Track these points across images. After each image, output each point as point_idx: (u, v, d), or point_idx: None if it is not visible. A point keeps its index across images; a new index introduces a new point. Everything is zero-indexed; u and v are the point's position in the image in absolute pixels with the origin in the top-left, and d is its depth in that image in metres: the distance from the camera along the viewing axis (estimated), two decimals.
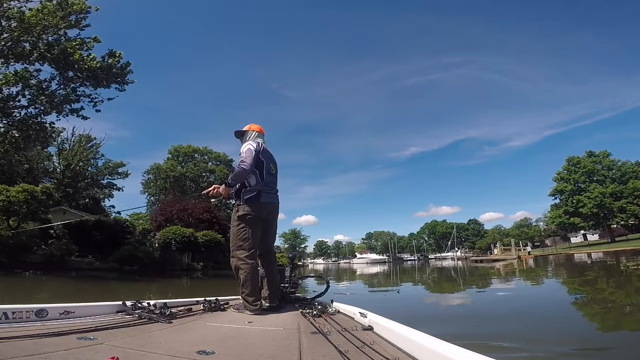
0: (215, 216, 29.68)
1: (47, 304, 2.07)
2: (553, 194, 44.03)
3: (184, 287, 15.33)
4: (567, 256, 29.70)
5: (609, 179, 40.24)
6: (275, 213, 3.22)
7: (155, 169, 48.87)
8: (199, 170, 48.90)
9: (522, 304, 7.16)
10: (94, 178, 42.93)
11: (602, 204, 37.32)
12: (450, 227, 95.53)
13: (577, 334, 4.17)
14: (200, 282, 18.61)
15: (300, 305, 3.04)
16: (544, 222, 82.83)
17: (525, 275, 16.33)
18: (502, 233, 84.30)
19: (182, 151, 50.73)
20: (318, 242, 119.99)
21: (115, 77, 18.37)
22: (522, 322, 5.08)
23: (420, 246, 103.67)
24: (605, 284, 10.10)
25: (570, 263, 21.45)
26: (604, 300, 6.97)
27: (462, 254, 70.56)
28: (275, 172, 3.22)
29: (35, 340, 1.47)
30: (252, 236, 2.93)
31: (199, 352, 1.41)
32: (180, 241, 23.63)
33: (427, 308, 7.60)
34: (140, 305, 2.48)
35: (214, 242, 25.98)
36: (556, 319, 5.08)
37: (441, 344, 1.16)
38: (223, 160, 51.72)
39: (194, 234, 24.69)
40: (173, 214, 27.39)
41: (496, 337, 3.91)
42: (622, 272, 13.29)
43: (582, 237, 59.92)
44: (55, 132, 40.01)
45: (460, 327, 4.87)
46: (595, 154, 42.26)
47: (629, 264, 16.40)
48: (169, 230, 24.13)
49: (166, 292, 12.19)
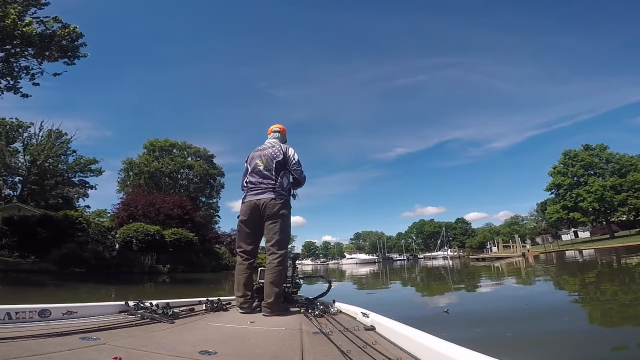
0: (188, 212, 26.31)
1: (50, 304, 2.08)
2: (550, 189, 42.29)
3: (132, 294, 12.11)
4: (573, 252, 27.76)
5: (607, 171, 38.76)
6: (269, 209, 2.91)
7: (128, 163, 45.17)
8: (176, 166, 45.39)
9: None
10: (64, 175, 39.84)
11: (602, 197, 35.70)
12: (439, 227, 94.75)
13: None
14: (162, 287, 15.38)
15: (302, 305, 2.98)
16: (529, 220, 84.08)
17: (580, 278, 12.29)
18: (493, 231, 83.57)
19: (159, 145, 47.03)
20: (306, 243, 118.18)
21: (65, 50, 16.58)
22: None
23: (408, 246, 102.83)
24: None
25: (592, 261, 19.07)
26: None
27: (454, 253, 69.04)
28: (263, 166, 3.03)
29: (39, 340, 1.48)
30: (239, 236, 3.01)
31: (201, 352, 1.41)
32: (143, 240, 20.36)
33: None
34: (142, 306, 2.50)
35: (185, 241, 22.73)
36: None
37: (443, 344, 1.15)
38: (203, 156, 48.49)
39: (160, 232, 21.44)
40: (137, 210, 23.95)
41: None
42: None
43: (573, 235, 59.23)
44: (22, 127, 37.19)
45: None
46: (592, 147, 40.80)
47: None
48: (129, 227, 20.84)
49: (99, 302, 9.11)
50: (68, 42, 16.70)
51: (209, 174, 47.27)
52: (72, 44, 16.88)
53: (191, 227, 25.12)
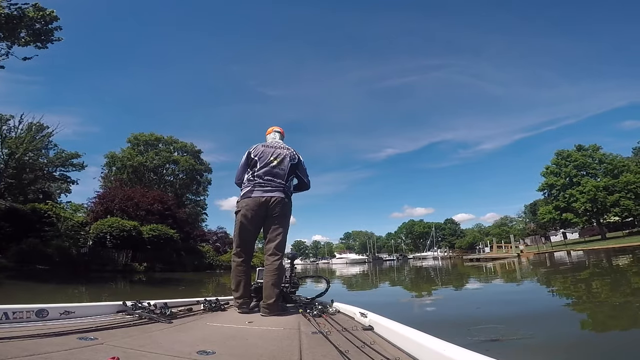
0: (170, 208, 24.77)
1: (47, 304, 2.04)
2: (542, 189, 41.94)
3: (97, 296, 10.70)
4: (566, 253, 27.15)
5: (600, 172, 38.45)
6: (276, 208, 2.83)
7: (110, 157, 43.17)
8: (161, 160, 43.59)
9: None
10: (43, 169, 37.99)
11: (595, 198, 35.35)
12: (428, 227, 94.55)
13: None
14: (137, 287, 13.93)
15: (300, 305, 2.98)
16: (518, 222, 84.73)
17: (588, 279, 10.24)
18: (483, 232, 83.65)
19: (144, 139, 45.10)
20: (296, 242, 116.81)
21: (38, 34, 15.70)
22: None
23: (398, 246, 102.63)
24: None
25: (594, 260, 18.31)
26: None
27: (445, 254, 68.66)
28: (277, 164, 2.93)
29: (36, 340, 1.45)
30: (238, 233, 2.86)
31: (199, 352, 1.39)
32: (118, 236, 18.84)
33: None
34: (140, 305, 2.45)
35: (164, 238, 21.25)
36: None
37: (442, 344, 1.13)
38: (190, 151, 46.78)
39: (137, 228, 19.94)
40: (114, 204, 22.34)
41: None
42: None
43: (562, 236, 59.36)
44: (1, 120, 35.39)
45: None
46: (584, 148, 40.53)
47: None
48: (104, 222, 19.29)
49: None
50: (42, 25, 15.67)
51: (196, 169, 45.58)
52: (46, 27, 15.84)
53: (172, 224, 23.65)
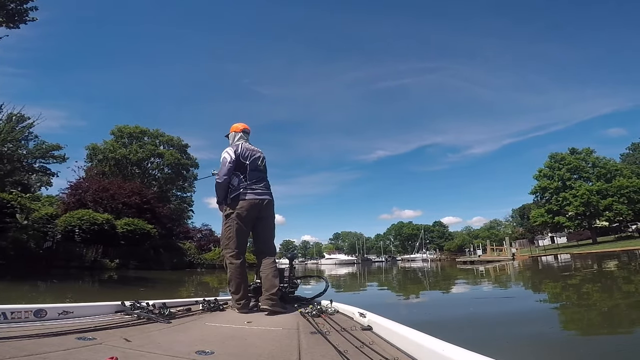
0: (149, 201, 23.22)
1: (46, 304, 2.03)
2: (535, 192, 41.53)
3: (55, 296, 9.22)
4: (559, 256, 26.56)
5: (594, 176, 38.21)
6: (267, 210, 2.99)
7: (92, 149, 41.09)
8: (145, 153, 41.69)
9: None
10: (22, 161, 35.86)
11: (589, 201, 35.01)
12: (417, 229, 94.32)
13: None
14: (103, 287, 12.39)
15: (299, 305, 2.98)
16: (506, 225, 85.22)
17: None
18: (472, 235, 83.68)
19: (128, 132, 43.13)
20: (284, 242, 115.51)
21: (12, 14, 15.02)
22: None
23: (386, 247, 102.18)
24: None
25: (593, 264, 17.52)
26: None
27: (434, 256, 68.22)
28: (263, 167, 3.08)
29: (35, 340, 1.45)
30: (236, 235, 2.86)
31: (198, 352, 1.39)
32: (89, 229, 17.29)
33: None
34: (139, 305, 2.45)
35: (140, 233, 19.74)
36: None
37: (440, 344, 1.13)
38: (176, 145, 44.95)
39: (110, 221, 18.40)
40: (87, 195, 20.71)
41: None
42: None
43: (550, 240, 59.34)
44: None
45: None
46: (578, 151, 40.27)
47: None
48: (73, 214, 17.72)
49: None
50: (16, 4, 14.89)
51: (182, 163, 43.75)
52: (20, 7, 15.05)
53: (151, 219, 22.13)
